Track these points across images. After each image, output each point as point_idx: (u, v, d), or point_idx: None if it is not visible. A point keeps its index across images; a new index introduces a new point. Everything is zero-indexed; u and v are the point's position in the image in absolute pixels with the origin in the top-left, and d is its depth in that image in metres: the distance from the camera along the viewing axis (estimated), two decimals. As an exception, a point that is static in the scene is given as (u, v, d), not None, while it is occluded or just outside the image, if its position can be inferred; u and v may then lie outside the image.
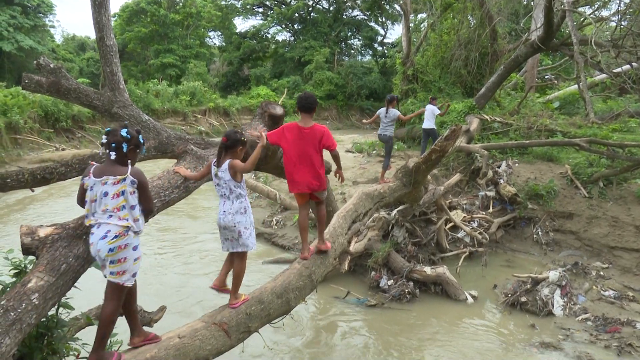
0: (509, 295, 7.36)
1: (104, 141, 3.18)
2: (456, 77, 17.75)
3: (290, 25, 45.65)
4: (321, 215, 4.73)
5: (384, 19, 45.22)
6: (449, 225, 9.42)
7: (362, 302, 7.46)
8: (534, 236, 9.70)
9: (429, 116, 11.71)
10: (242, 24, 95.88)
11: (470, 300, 7.48)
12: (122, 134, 3.16)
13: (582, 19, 13.71)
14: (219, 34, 49.12)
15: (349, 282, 8.09)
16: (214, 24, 44.95)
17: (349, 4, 43.71)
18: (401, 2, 19.38)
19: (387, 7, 43.54)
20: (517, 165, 11.12)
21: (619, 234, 8.94)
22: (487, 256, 8.80)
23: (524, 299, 7.20)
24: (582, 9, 13.76)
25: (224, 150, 3.81)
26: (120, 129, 3.19)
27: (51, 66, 5.06)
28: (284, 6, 43.54)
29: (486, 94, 14.46)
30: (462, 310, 7.26)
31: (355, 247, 8.06)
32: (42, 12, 37.14)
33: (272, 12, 44.32)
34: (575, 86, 16.37)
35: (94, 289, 5.74)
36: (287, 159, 4.43)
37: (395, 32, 56.73)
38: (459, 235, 9.33)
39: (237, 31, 47.23)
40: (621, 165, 9.72)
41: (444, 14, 18.49)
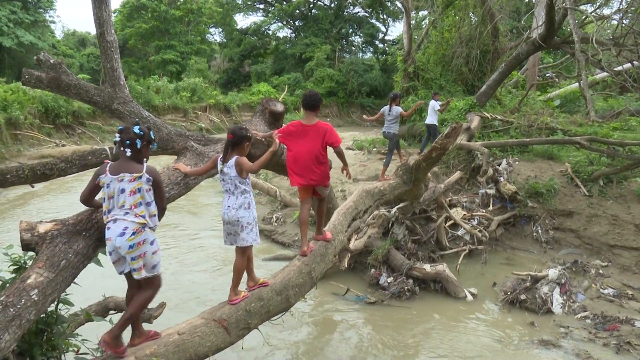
0: (509, 293, 7.36)
1: (118, 139, 3.25)
2: (457, 74, 17.73)
3: (291, 21, 45.55)
4: (321, 211, 4.85)
5: (385, 16, 45.11)
6: (449, 223, 9.42)
7: (361, 300, 7.46)
8: (534, 234, 9.71)
9: (430, 112, 11.87)
10: (243, 21, 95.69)
11: (469, 297, 7.49)
12: (135, 131, 3.24)
13: (584, 17, 13.67)
14: (220, 30, 49.02)
15: (348, 279, 8.10)
16: (214, 20, 44.84)
17: (351, 1, 43.59)
18: (402, -1, 19.32)
19: (388, 4, 43.42)
20: (517, 163, 11.11)
21: (619, 233, 8.95)
22: (486, 254, 8.81)
23: (523, 297, 7.21)
24: (583, 7, 13.73)
25: (231, 147, 3.83)
26: (132, 126, 3.26)
27: (51, 62, 5.05)
28: (285, 3, 43.42)
29: (487, 92, 14.44)
30: (462, 307, 7.27)
31: (355, 244, 8.06)
32: (43, 8, 37.04)
33: (273, 8, 44.20)
34: (576, 84, 16.33)
35: (93, 285, 5.74)
36: (290, 155, 4.51)
37: (396, 29, 56.79)
38: (459, 233, 9.33)
39: (238, 27, 47.13)
40: (621, 163, 9.72)
41: (445, 11, 18.44)
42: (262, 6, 46.67)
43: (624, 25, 11.59)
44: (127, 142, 3.23)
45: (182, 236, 10.47)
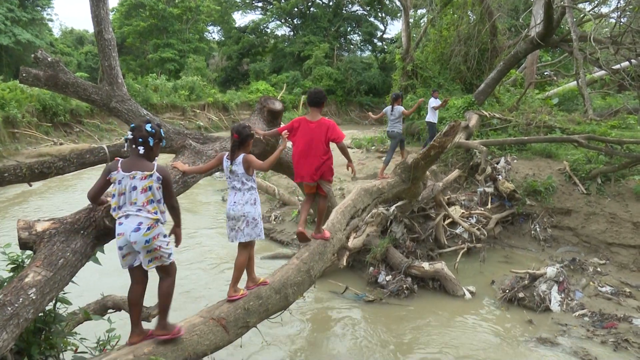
0: (507, 291, 7.37)
1: (130, 137, 3.27)
2: (456, 73, 17.73)
3: (289, 20, 45.50)
4: (321, 208, 4.88)
5: (383, 15, 45.12)
6: (448, 221, 9.43)
7: (360, 298, 7.47)
8: (532, 232, 9.72)
9: (430, 110, 11.96)
10: (242, 19, 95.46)
11: (468, 296, 7.50)
12: (147, 129, 3.27)
13: (582, 16, 13.68)
14: (218, 28, 48.93)
15: (347, 277, 8.10)
16: (213, 19, 44.73)
17: (349, -1, 43.61)
18: (401, -3, 19.29)
19: (387, 2, 43.44)
20: (515, 161, 11.12)
21: (617, 231, 8.97)
22: (485, 252, 8.82)
23: (521, 295, 7.22)
24: (581, 5, 13.71)
25: (237, 146, 3.88)
26: (144, 124, 3.29)
27: (49, 60, 5.04)
28: (283, 1, 43.32)
29: (485, 90, 14.45)
30: (460, 305, 7.28)
31: (353, 242, 8.06)
32: (40, 5, 36.93)
33: (271, 6, 44.12)
34: (574, 83, 16.36)
35: (91, 283, 5.73)
36: (295, 151, 4.62)
37: (394, 27, 56.60)
38: (457, 231, 9.34)
39: (236, 26, 47.03)
40: (619, 161, 9.73)
41: (443, 10, 18.43)
42: (260, 4, 46.63)
43: (622, 23, 11.61)
44: (140, 140, 3.25)
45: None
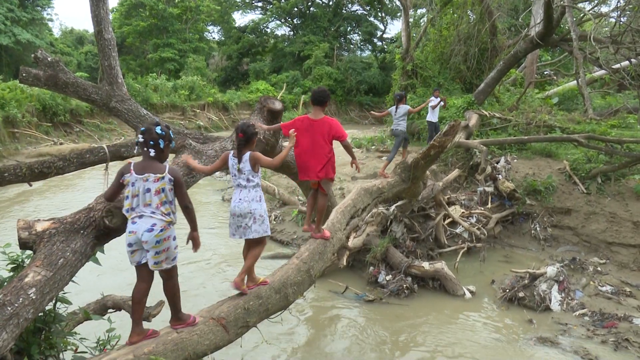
0: (507, 290, 7.37)
1: (141, 140, 3.31)
2: (455, 72, 17.72)
3: (289, 19, 45.48)
4: (321, 207, 4.89)
5: (383, 14, 45.08)
6: (448, 220, 9.43)
7: (360, 298, 7.47)
8: (532, 232, 9.72)
9: (429, 109, 11.96)
10: (241, 18, 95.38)
11: (468, 295, 7.50)
12: (157, 132, 3.32)
13: (582, 15, 13.67)
14: (218, 28, 48.90)
15: (347, 277, 8.10)
16: (213, 18, 44.69)
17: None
18: (401, -4, 19.28)
19: (386, 2, 43.40)
20: (515, 161, 11.12)
21: (617, 230, 8.97)
22: (485, 252, 8.82)
23: (521, 294, 7.22)
24: (581, 4, 13.70)
25: (243, 144, 3.91)
26: (154, 127, 3.33)
27: (49, 60, 5.04)
28: (283, 0, 43.32)
29: (485, 90, 14.44)
30: (460, 305, 7.28)
31: (353, 242, 8.06)
32: (40, 5, 36.91)
33: (271, 6, 44.08)
34: (574, 82, 16.35)
35: (91, 283, 5.74)
36: (297, 150, 4.66)
37: (394, 27, 56.56)
38: (458, 230, 9.34)
39: (236, 25, 46.99)
40: (619, 161, 9.73)
41: (443, 9, 18.41)
42: (260, 4, 46.61)
43: (621, 23, 11.59)
44: (151, 142, 3.30)
45: (180, 235, 10.42)
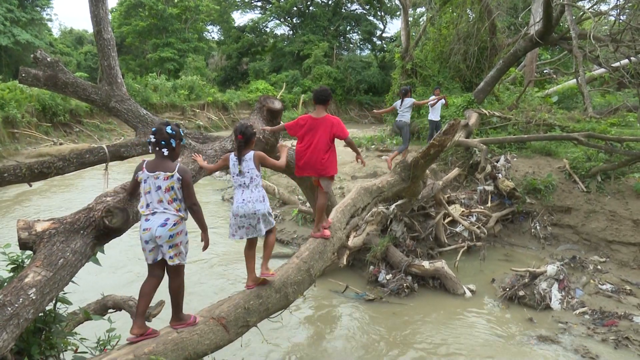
0: (507, 289, 7.37)
1: (153, 140, 3.40)
2: (455, 71, 17.72)
3: (288, 19, 45.46)
4: (320, 205, 4.90)
5: (383, 13, 45.07)
6: (448, 219, 9.42)
7: (360, 297, 7.47)
8: (532, 230, 9.72)
9: (429, 107, 11.98)
10: (241, 18, 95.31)
11: (468, 294, 7.50)
12: (167, 131, 3.40)
13: (581, 13, 13.68)
14: (218, 28, 48.90)
15: (347, 276, 8.11)
16: (212, 18, 44.70)
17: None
18: (400, -5, 19.26)
19: (386, 1, 43.38)
20: (515, 159, 11.12)
21: (617, 228, 8.97)
22: (485, 250, 8.82)
23: (521, 293, 7.22)
24: (581, 3, 13.75)
25: (243, 145, 3.94)
26: (164, 127, 3.42)
27: (48, 60, 5.03)
28: (282, 0, 43.33)
29: (485, 89, 14.44)
30: (460, 304, 7.28)
31: (353, 241, 8.06)
32: (39, 6, 36.88)
33: (270, 5, 44.09)
34: (573, 80, 16.34)
35: (91, 283, 5.74)
36: (299, 147, 4.71)
37: (394, 26, 56.62)
38: (458, 229, 9.34)
39: (236, 25, 46.99)
40: (619, 159, 9.73)
41: (443, 8, 18.41)
42: (259, 3, 46.61)
43: (621, 21, 11.59)
44: (163, 142, 3.38)
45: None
